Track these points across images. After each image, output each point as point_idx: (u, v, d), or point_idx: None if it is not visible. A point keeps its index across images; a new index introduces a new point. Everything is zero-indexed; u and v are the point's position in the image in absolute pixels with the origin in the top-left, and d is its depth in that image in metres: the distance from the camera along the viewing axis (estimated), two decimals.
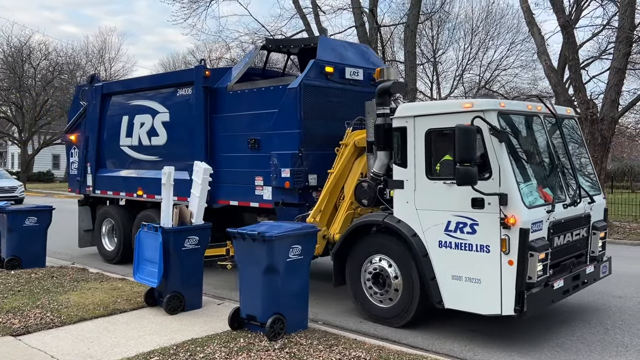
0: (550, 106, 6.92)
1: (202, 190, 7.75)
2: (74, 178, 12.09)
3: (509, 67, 33.07)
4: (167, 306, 7.29)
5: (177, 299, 7.38)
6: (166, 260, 7.26)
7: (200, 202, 7.73)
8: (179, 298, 7.40)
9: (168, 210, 7.46)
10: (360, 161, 8.00)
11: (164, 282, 7.31)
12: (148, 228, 7.51)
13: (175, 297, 7.36)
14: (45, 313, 7.23)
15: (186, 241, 7.42)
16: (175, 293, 7.38)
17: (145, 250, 7.49)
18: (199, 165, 7.88)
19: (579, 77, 17.47)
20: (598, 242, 7.18)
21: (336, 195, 7.98)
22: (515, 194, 5.92)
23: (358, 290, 7.24)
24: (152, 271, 7.33)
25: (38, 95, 40.12)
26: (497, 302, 6.00)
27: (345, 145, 8.02)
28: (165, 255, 7.25)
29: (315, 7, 22.94)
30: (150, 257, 7.39)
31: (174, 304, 7.35)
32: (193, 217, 7.66)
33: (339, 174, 7.94)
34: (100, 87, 11.45)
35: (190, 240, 7.48)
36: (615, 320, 7.31)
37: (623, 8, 15.65)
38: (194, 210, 7.70)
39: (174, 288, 7.39)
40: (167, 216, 7.44)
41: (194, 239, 7.51)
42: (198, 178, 7.78)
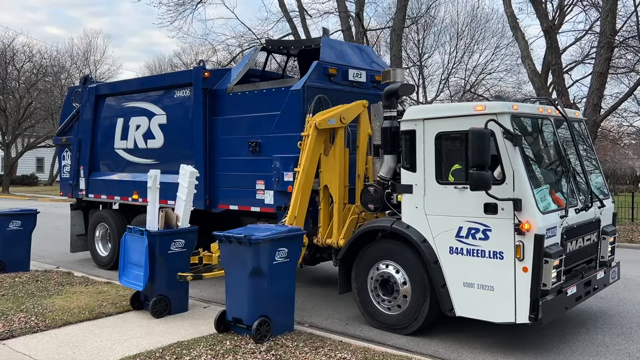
0: (560, 109, 6.82)
1: (189, 193, 7.73)
2: (66, 182, 11.80)
3: (494, 71, 33.43)
4: (153, 309, 7.29)
5: (163, 302, 7.38)
6: (152, 263, 7.24)
7: (186, 205, 7.71)
8: (165, 301, 7.40)
9: (154, 214, 7.49)
10: (334, 151, 7.64)
11: (150, 285, 7.32)
12: (134, 232, 7.52)
13: (161, 301, 7.37)
14: (29, 317, 7.18)
15: (172, 244, 7.43)
16: (162, 296, 7.38)
17: (131, 254, 7.49)
18: (185, 168, 7.84)
19: (562, 81, 17.65)
20: (608, 247, 7.11)
21: (307, 194, 7.57)
22: (530, 199, 5.81)
23: (364, 297, 7.09)
24: (137, 274, 7.32)
25: (22, 97, 39.49)
26: (511, 310, 5.88)
27: (306, 137, 7.50)
28: (151, 258, 7.24)
29: (302, 11, 22.89)
30: (136, 261, 7.37)
31: (160, 308, 7.35)
32: (179, 221, 7.64)
33: (307, 168, 7.46)
34: (94, 88, 11.19)
35: (177, 244, 7.49)
36: (597, 321, 7.40)
37: (604, 14, 15.84)
38: (180, 213, 7.68)
39: (160, 291, 7.39)
40: (153, 219, 7.47)
41: (180, 242, 7.52)
42: (184, 181, 7.76)
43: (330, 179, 7.70)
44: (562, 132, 6.93)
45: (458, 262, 6.24)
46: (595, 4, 18.84)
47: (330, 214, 7.82)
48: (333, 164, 7.69)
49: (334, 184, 7.65)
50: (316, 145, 7.56)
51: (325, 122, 7.50)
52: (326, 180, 7.76)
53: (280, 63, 16.01)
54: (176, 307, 7.49)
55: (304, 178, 7.49)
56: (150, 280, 7.28)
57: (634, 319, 7.54)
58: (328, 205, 7.82)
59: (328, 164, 7.75)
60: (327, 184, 7.75)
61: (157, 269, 7.30)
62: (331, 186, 7.70)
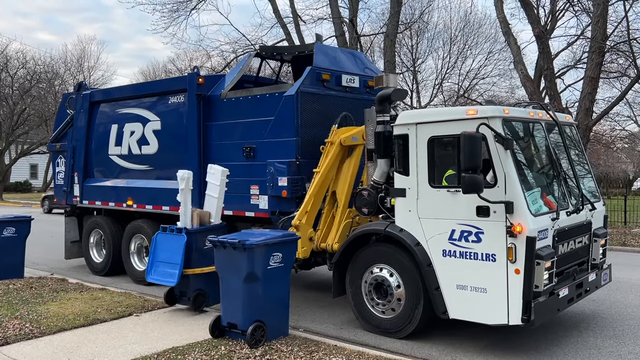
0: (551, 113, 6.90)
1: (220, 191, 8.03)
2: (61, 188, 11.79)
3: (487, 76, 33.55)
4: (194, 303, 7.76)
5: (201, 296, 7.82)
6: (188, 259, 7.56)
7: (218, 202, 8.04)
8: (203, 295, 7.82)
9: (187, 213, 7.83)
10: (349, 162, 7.85)
11: (186, 281, 7.68)
12: (168, 230, 7.84)
13: (200, 295, 7.80)
14: (24, 324, 7.19)
15: (207, 241, 7.62)
16: (200, 290, 7.79)
17: (161, 252, 7.80)
18: (214, 168, 8.09)
19: (554, 86, 17.80)
20: (599, 249, 7.17)
21: (322, 196, 7.85)
22: (522, 202, 5.87)
23: (359, 301, 7.13)
24: (168, 272, 7.64)
25: (15, 104, 39.41)
26: (504, 312, 5.92)
27: (330, 144, 7.86)
28: (187, 254, 7.55)
29: (296, 17, 23.01)
30: (166, 258, 7.71)
31: (200, 301, 7.83)
32: (212, 218, 7.98)
33: (326, 173, 7.78)
34: (89, 94, 11.21)
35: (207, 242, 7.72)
36: (589, 323, 7.46)
37: (595, 19, 16.00)
38: (213, 211, 8.03)
39: (198, 286, 7.78)
40: (187, 219, 7.84)
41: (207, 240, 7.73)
42: (215, 180, 8.02)
43: (340, 186, 7.82)
44: (553, 136, 7.00)
45: (451, 265, 6.29)
46: (586, 9, 19.01)
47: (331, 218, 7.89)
48: (346, 173, 7.86)
49: (342, 190, 7.75)
50: (337, 156, 7.88)
51: (349, 140, 7.77)
52: (335, 187, 7.89)
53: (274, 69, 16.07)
54: (213, 300, 7.80)
55: (321, 180, 7.77)
56: (187, 277, 7.63)
57: (626, 321, 7.60)
58: (331, 210, 7.90)
59: (341, 173, 7.92)
60: (336, 190, 7.87)
61: (194, 264, 7.60)
62: (339, 192, 7.82)
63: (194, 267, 7.66)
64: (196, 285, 7.76)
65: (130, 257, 10.34)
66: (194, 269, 7.65)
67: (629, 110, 28.17)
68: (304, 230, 7.61)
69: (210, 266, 7.47)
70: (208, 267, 7.58)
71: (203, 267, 7.68)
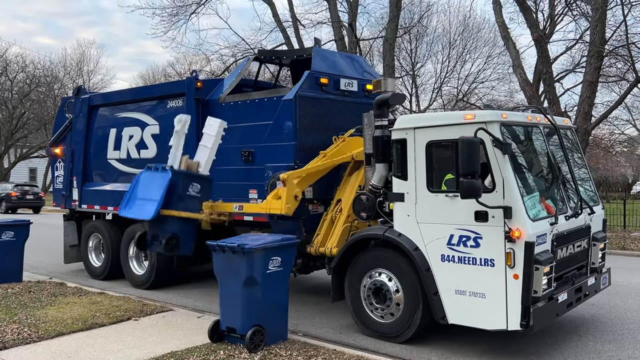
0: (550, 117, 6.90)
1: (214, 143, 7.98)
2: (59, 192, 11.78)
3: (486, 80, 33.65)
4: (166, 247, 7.62)
5: (174, 240, 7.65)
6: (167, 200, 7.40)
7: (210, 154, 7.96)
8: (176, 239, 7.67)
9: (177, 156, 7.78)
10: (358, 174, 7.91)
11: (160, 224, 7.56)
12: (154, 168, 7.76)
13: (173, 239, 7.64)
14: (22, 328, 7.16)
15: (190, 187, 7.58)
16: (174, 235, 7.67)
17: (141, 190, 7.63)
18: (212, 119, 8.10)
19: (553, 90, 17.83)
20: (598, 253, 7.16)
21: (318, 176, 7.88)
22: (520, 207, 5.86)
23: (357, 306, 7.11)
24: (146, 208, 7.44)
25: (15, 108, 39.46)
26: (503, 317, 5.91)
27: (343, 140, 8.04)
28: (169, 194, 7.39)
29: (295, 21, 23.07)
30: (145, 195, 7.52)
31: (172, 245, 7.69)
32: (200, 167, 7.85)
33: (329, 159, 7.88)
34: (87, 99, 11.21)
35: (194, 187, 7.67)
36: (589, 328, 7.45)
37: (594, 23, 16.03)
38: (203, 161, 7.90)
39: (172, 230, 7.70)
40: (175, 160, 7.70)
41: (197, 186, 7.69)
42: (211, 131, 7.99)
43: (346, 195, 7.81)
44: (552, 140, 7.00)
45: (450, 270, 6.27)
46: (585, 13, 19.06)
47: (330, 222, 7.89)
48: (353, 184, 7.88)
49: (348, 199, 7.73)
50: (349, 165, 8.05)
51: (361, 155, 7.74)
52: (341, 195, 7.90)
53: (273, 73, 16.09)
54: (184, 248, 7.80)
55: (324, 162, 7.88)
56: (162, 219, 7.48)
57: (626, 325, 7.59)
58: (332, 215, 7.89)
59: (348, 182, 7.97)
60: (342, 198, 7.87)
61: (172, 206, 7.48)
62: (344, 200, 7.81)
63: (171, 210, 7.45)
64: (171, 228, 7.62)
65: (129, 261, 10.32)
66: (171, 211, 7.44)
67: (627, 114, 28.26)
68: (290, 186, 7.54)
69: (188, 212, 7.41)
70: (185, 213, 7.46)
71: (181, 211, 7.52)
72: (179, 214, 7.52)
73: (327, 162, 7.87)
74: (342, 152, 8.00)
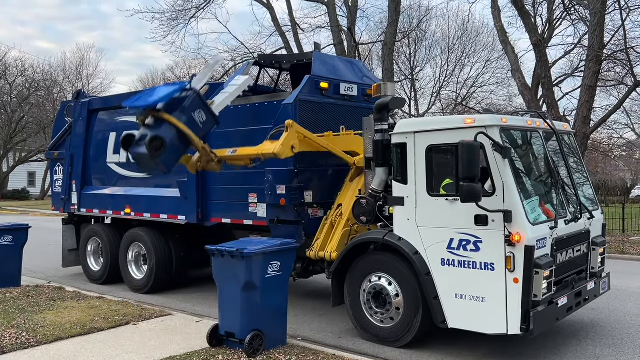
0: (549, 122, 6.91)
1: (235, 92, 8.11)
2: (58, 196, 11.77)
3: (485, 84, 33.71)
4: (150, 145, 6.90)
5: (160, 141, 6.97)
6: (172, 107, 7.06)
7: (227, 98, 8.02)
8: (162, 142, 6.98)
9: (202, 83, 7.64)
10: (359, 179, 7.91)
11: (155, 128, 7.02)
12: (173, 83, 7.60)
13: (159, 139, 6.96)
14: (20, 333, 7.14)
15: (197, 112, 7.29)
16: (162, 138, 6.99)
17: (152, 93, 7.26)
18: (241, 77, 8.40)
19: (552, 94, 17.87)
20: (598, 258, 7.16)
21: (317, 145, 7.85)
22: (520, 211, 5.87)
23: (357, 310, 7.10)
24: (149, 100, 7.03)
25: (14, 112, 39.45)
26: (503, 321, 5.91)
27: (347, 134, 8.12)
28: (176, 102, 7.09)
29: (294, 25, 23.12)
30: (154, 94, 7.15)
31: (157, 145, 6.93)
32: (214, 105, 7.73)
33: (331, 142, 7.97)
34: (87, 102, 11.21)
35: (200, 115, 7.32)
36: (588, 332, 7.44)
37: (592, 28, 16.06)
38: (218, 101, 7.87)
39: (164, 136, 7.04)
40: (198, 85, 7.50)
41: (202, 116, 7.35)
42: (237, 82, 8.27)
43: (348, 200, 7.81)
44: (551, 144, 7.02)
45: (450, 274, 6.27)
46: (583, 18, 19.11)
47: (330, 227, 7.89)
48: (354, 189, 7.88)
49: (349, 204, 7.71)
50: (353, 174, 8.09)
51: (362, 162, 7.76)
52: (342, 200, 7.90)
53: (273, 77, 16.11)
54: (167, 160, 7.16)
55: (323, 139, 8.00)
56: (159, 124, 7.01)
57: (625, 329, 7.59)
58: (332, 219, 7.89)
59: (349, 187, 7.97)
60: (342, 203, 7.86)
61: (175, 115, 7.08)
62: (345, 205, 7.81)
63: (173, 116, 7.03)
64: (163, 133, 6.99)
65: (128, 266, 10.31)
66: (171, 117, 7.01)
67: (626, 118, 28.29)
68: (291, 133, 7.49)
69: (186, 127, 7.13)
70: (184, 126, 7.09)
71: (180, 122, 7.12)
72: (177, 124, 7.04)
73: (328, 143, 7.93)
74: (344, 144, 8.03)
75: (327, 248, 7.72)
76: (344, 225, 7.66)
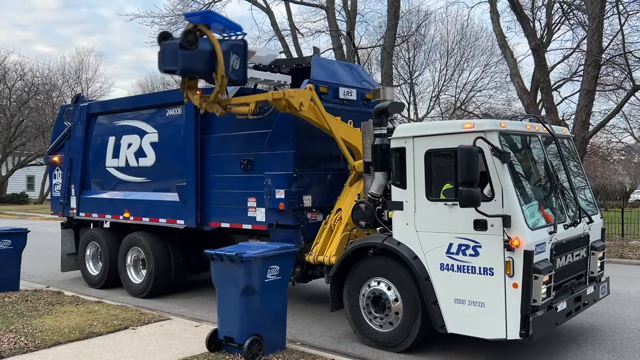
0: (548, 126, 6.92)
1: (260, 53, 8.58)
2: (57, 200, 11.75)
3: (484, 88, 33.69)
4: (184, 37, 7.26)
5: (193, 36, 7.32)
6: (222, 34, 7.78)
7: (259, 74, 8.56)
8: (195, 38, 7.34)
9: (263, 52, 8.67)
10: (359, 184, 7.91)
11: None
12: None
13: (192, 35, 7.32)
14: (19, 337, 7.12)
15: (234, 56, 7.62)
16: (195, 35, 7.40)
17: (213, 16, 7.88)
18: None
19: (551, 98, 17.90)
20: (597, 262, 7.16)
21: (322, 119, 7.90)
22: (519, 216, 5.87)
23: (356, 315, 7.09)
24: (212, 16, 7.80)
25: (13, 116, 39.45)
26: (502, 326, 5.90)
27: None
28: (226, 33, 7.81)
29: (294, 30, 23.15)
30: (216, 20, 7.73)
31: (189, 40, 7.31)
32: (252, 55, 8.23)
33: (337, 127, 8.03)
34: (86, 107, 11.21)
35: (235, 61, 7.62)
36: (588, 337, 7.44)
37: (591, 32, 16.12)
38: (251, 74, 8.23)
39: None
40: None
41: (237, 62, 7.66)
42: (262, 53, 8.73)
43: (347, 204, 7.80)
44: (550, 148, 7.02)
45: (449, 279, 6.26)
46: (581, 23, 19.16)
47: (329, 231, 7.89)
48: (354, 193, 7.89)
49: (348, 208, 7.71)
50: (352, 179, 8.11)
51: (361, 166, 7.77)
52: (342, 204, 7.89)
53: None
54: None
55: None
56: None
57: (624, 334, 7.58)
58: (331, 224, 7.89)
59: (349, 192, 7.97)
60: (342, 208, 7.86)
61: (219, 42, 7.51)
62: (344, 210, 7.81)
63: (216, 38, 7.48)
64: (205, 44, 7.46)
65: (126, 270, 10.29)
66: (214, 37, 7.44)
67: (625, 122, 28.35)
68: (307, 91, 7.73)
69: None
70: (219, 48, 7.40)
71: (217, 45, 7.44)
72: (216, 45, 7.41)
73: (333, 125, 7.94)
74: (347, 134, 8.06)
75: (326, 252, 7.72)
76: (343, 230, 7.66)
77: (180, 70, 7.53)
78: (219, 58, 7.37)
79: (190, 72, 7.72)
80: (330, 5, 21.78)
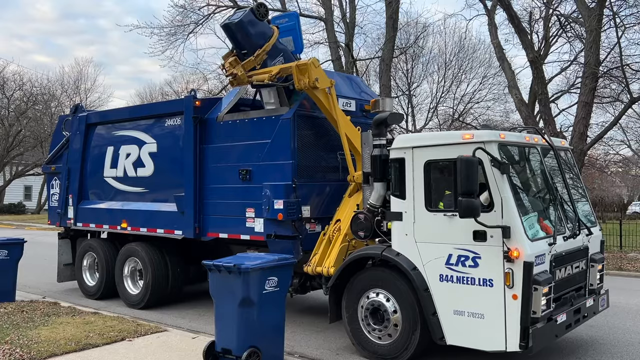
0: (547, 137, 6.93)
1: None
2: (55, 210, 11.70)
3: (482, 100, 33.74)
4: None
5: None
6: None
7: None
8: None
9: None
10: (358, 195, 7.89)
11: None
12: None
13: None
14: (14, 349, 7.04)
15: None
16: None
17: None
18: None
19: (549, 110, 17.95)
20: (596, 274, 7.13)
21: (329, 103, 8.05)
22: (519, 227, 5.85)
23: (355, 326, 7.04)
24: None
25: (11, 125, 39.46)
26: (502, 338, 5.87)
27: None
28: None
29: None
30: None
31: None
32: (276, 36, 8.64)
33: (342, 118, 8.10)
34: (85, 117, 11.20)
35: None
36: (587, 349, 7.41)
37: (588, 45, 16.19)
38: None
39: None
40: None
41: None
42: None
43: (346, 216, 7.77)
44: (548, 160, 7.02)
45: (448, 290, 6.23)
46: (579, 35, 19.27)
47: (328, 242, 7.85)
48: (352, 204, 7.86)
49: (347, 219, 7.69)
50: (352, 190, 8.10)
51: (360, 178, 7.77)
52: (341, 215, 7.86)
53: None
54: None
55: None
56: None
57: (624, 347, 7.54)
58: (331, 236, 7.85)
59: (348, 203, 7.94)
60: (341, 218, 7.83)
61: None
62: (343, 221, 7.78)
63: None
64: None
65: (123, 281, 10.22)
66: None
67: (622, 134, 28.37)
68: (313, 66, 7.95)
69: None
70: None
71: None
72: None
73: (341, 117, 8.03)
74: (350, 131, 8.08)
75: (324, 263, 7.68)
76: (342, 241, 7.63)
77: (238, 22, 8.28)
78: (272, 39, 8.38)
79: (244, 30, 8.36)
80: (329, 17, 21.88)
